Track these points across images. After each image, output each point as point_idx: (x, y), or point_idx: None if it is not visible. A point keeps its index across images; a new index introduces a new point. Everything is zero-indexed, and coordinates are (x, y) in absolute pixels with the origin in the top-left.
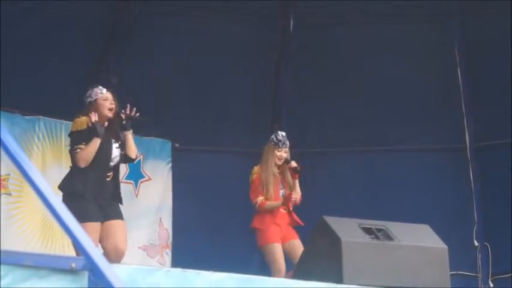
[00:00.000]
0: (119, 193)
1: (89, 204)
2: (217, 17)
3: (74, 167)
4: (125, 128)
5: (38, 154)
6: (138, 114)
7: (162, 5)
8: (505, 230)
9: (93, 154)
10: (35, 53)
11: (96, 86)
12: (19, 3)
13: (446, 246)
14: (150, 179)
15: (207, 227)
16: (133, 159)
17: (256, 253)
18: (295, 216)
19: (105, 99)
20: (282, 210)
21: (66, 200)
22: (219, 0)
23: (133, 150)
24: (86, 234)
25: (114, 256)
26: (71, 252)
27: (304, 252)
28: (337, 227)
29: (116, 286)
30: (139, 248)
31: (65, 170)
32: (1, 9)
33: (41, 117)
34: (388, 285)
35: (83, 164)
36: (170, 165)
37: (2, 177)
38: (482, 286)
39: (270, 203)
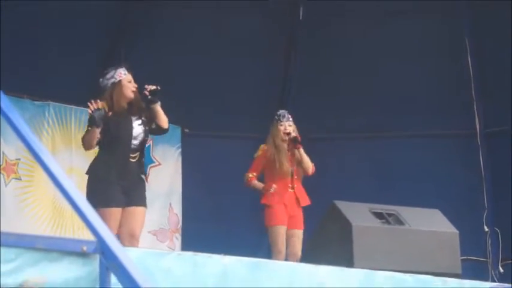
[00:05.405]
0: (143, 171)
1: (111, 188)
2: (226, 5)
3: (99, 151)
4: (153, 102)
5: (48, 139)
6: (157, 87)
7: None
8: None
9: (93, 141)
10: (44, 39)
11: (120, 67)
12: None
13: (457, 231)
14: (160, 164)
15: (217, 212)
16: (167, 129)
17: (265, 237)
18: (299, 194)
19: (129, 81)
20: (289, 189)
21: (89, 184)
22: None
23: (164, 120)
24: (102, 219)
25: (128, 242)
26: (81, 235)
27: (314, 236)
28: (348, 212)
29: (128, 269)
30: (149, 232)
31: (75, 154)
32: None
33: (50, 102)
34: (399, 270)
35: (86, 148)
36: (180, 150)
37: (12, 162)
38: (492, 271)
39: (255, 183)
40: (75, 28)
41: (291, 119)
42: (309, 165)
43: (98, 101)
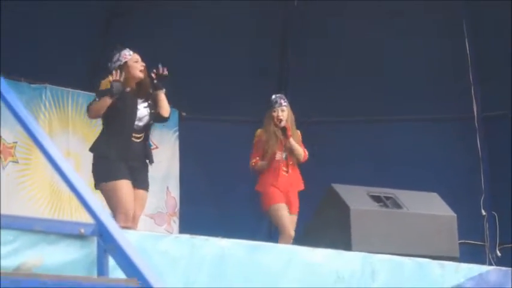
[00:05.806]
0: (150, 153)
1: (117, 164)
2: None
3: (103, 130)
4: (157, 87)
5: (45, 122)
6: (167, 72)
7: None
8: None
9: (102, 110)
10: (41, 22)
11: (124, 49)
12: None
13: (455, 214)
14: (157, 147)
15: (214, 195)
16: (167, 118)
17: (264, 220)
18: (294, 179)
19: (136, 61)
20: (283, 172)
21: (95, 162)
22: None
23: (166, 109)
24: (113, 192)
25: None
26: (78, 217)
27: (313, 220)
28: (346, 195)
29: (126, 251)
30: (146, 216)
31: (72, 138)
32: None
33: (47, 85)
34: (397, 253)
35: (91, 116)
36: (177, 133)
37: (9, 145)
38: (490, 255)
39: (260, 163)
40: (71, 11)
41: (284, 103)
42: (300, 153)
43: (121, 72)
